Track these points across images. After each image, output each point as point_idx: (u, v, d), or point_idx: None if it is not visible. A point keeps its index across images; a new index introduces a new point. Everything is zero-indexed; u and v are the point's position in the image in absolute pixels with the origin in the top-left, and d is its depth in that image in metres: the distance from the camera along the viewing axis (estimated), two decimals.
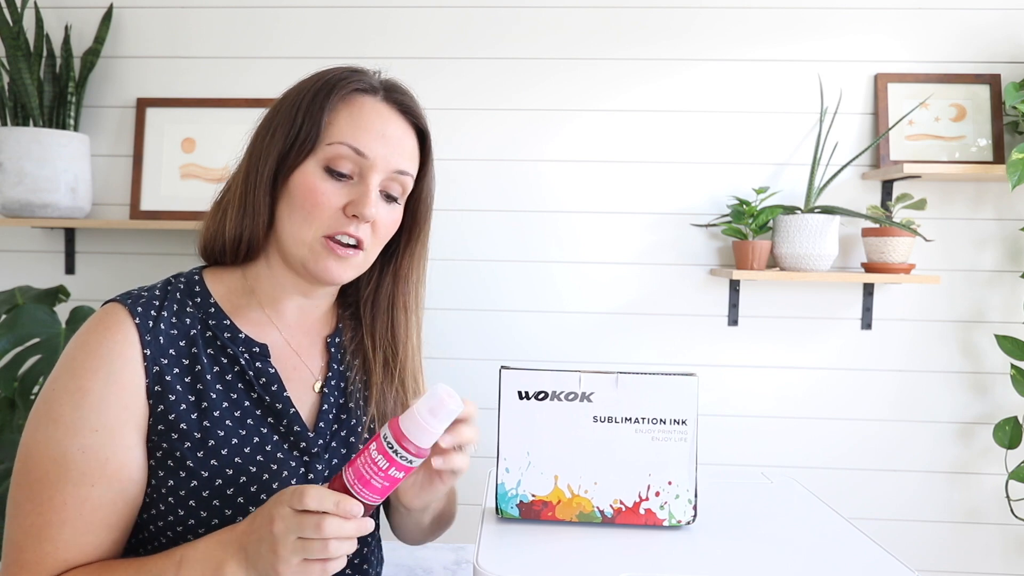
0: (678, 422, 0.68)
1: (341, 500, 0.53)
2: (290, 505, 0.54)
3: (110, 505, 0.63)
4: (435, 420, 0.55)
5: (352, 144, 0.68)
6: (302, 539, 0.53)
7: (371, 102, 0.71)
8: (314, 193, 0.68)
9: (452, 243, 1.64)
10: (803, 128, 1.61)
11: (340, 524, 0.53)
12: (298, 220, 0.68)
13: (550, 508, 0.68)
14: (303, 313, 0.76)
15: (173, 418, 0.65)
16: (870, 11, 1.59)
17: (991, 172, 1.47)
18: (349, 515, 0.53)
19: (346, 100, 0.70)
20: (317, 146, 0.68)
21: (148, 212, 1.62)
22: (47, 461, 0.61)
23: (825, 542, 0.66)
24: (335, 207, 0.68)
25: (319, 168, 0.68)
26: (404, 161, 0.71)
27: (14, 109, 1.59)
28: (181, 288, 0.71)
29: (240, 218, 0.71)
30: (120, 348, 0.64)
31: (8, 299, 1.50)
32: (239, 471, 0.66)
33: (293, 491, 0.54)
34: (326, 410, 0.74)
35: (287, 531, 0.53)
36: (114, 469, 0.62)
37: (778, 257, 1.54)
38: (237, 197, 0.72)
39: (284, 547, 0.53)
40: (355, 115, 0.69)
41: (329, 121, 0.69)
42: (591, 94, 1.63)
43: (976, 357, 1.61)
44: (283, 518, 0.53)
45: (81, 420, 0.62)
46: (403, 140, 0.71)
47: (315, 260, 0.68)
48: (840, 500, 1.62)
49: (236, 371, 0.69)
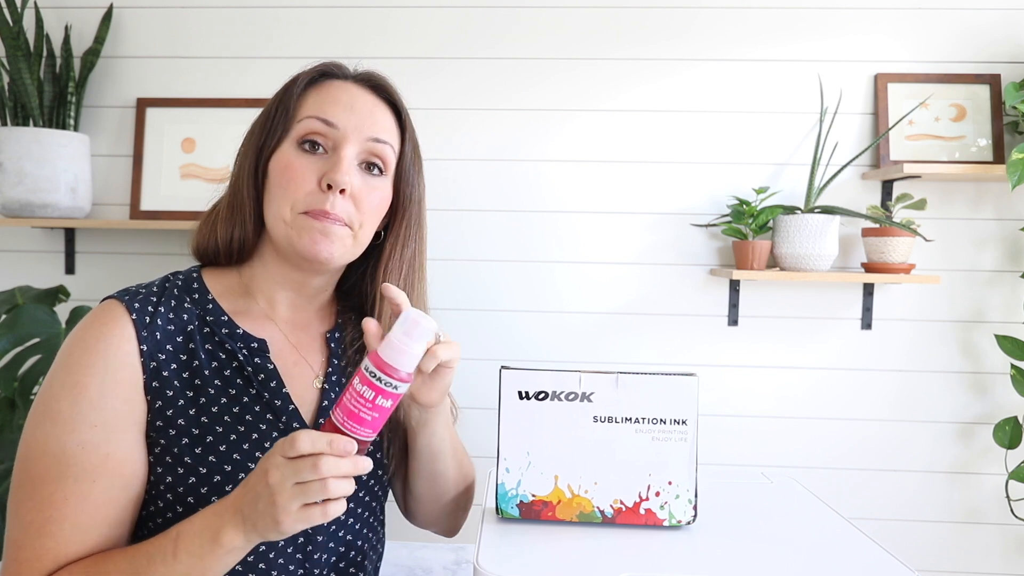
0: (678, 422, 0.68)
1: (334, 439, 0.53)
2: (282, 454, 0.53)
3: (113, 501, 0.62)
4: (412, 341, 0.55)
5: (320, 116, 0.69)
6: (300, 484, 0.52)
7: (339, 83, 0.73)
8: (289, 168, 0.68)
9: (452, 243, 1.64)
10: (803, 128, 1.61)
11: (336, 462, 0.52)
12: (277, 198, 0.69)
13: (550, 508, 0.68)
14: (300, 309, 0.77)
15: (171, 414, 0.65)
16: (870, 11, 1.59)
17: (991, 172, 1.47)
18: (344, 453, 0.53)
19: (315, 84, 0.72)
20: (288, 127, 0.70)
21: (148, 212, 1.62)
22: (46, 458, 0.61)
23: (825, 542, 0.66)
24: (311, 180, 0.68)
25: (293, 147, 0.69)
26: (380, 131, 0.71)
27: (14, 109, 1.59)
28: (179, 284, 0.72)
29: (230, 218, 0.72)
30: (117, 343, 0.64)
31: (8, 299, 1.50)
32: (237, 467, 0.66)
33: (283, 440, 0.53)
34: (326, 406, 0.74)
35: (283, 479, 0.52)
36: (115, 464, 0.62)
37: (778, 257, 1.54)
38: (226, 200, 0.74)
39: (282, 495, 0.52)
40: (323, 93, 0.71)
41: (300, 104, 0.71)
42: (591, 94, 1.63)
43: (976, 357, 1.61)
44: (277, 467, 0.53)
45: (79, 416, 0.61)
46: (374, 111, 0.72)
47: (298, 236, 0.68)
48: (840, 500, 1.62)
49: (234, 367, 0.69)
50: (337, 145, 0.69)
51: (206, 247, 0.75)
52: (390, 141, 0.72)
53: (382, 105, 0.73)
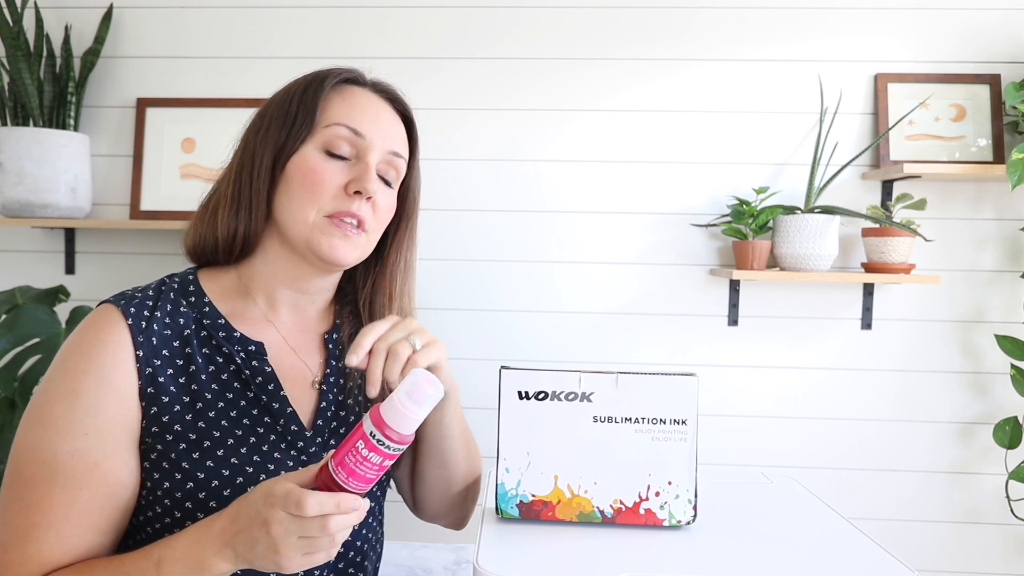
0: (678, 422, 0.68)
1: (341, 500, 0.53)
2: (285, 509, 0.52)
3: (98, 509, 0.62)
4: (416, 407, 0.55)
5: (349, 125, 0.70)
6: (306, 538, 0.53)
7: (361, 91, 0.74)
8: (315, 172, 0.69)
9: (452, 243, 1.64)
10: (803, 128, 1.61)
11: (345, 519, 0.53)
12: (301, 200, 0.69)
13: (550, 508, 0.68)
14: (300, 310, 0.77)
15: (167, 420, 0.65)
16: (870, 11, 1.59)
17: (991, 172, 1.47)
18: (351, 511, 0.54)
19: (338, 89, 0.73)
20: (314, 130, 0.70)
21: (148, 212, 1.62)
22: (36, 463, 0.61)
23: (825, 542, 0.66)
24: (337, 185, 0.69)
25: (318, 151, 0.70)
26: (397, 144, 0.74)
27: (14, 109, 1.59)
28: (175, 288, 0.71)
29: (235, 213, 0.72)
30: (113, 350, 0.64)
31: (8, 299, 1.50)
32: (235, 471, 0.66)
33: (286, 495, 0.53)
34: (324, 408, 0.74)
35: (287, 534, 0.53)
36: (103, 473, 0.62)
37: (778, 257, 1.54)
38: (230, 195, 0.72)
39: (286, 547, 0.53)
40: (349, 100, 0.72)
41: (324, 107, 0.71)
42: (591, 94, 1.63)
43: (976, 357, 1.61)
44: (281, 522, 0.53)
45: (72, 423, 0.62)
46: (393, 125, 0.75)
47: (321, 239, 0.69)
48: (840, 500, 1.62)
49: (232, 370, 0.69)
50: (362, 154, 0.71)
51: (203, 244, 0.74)
52: (404, 155, 0.76)
53: (398, 118, 0.76)
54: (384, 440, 0.54)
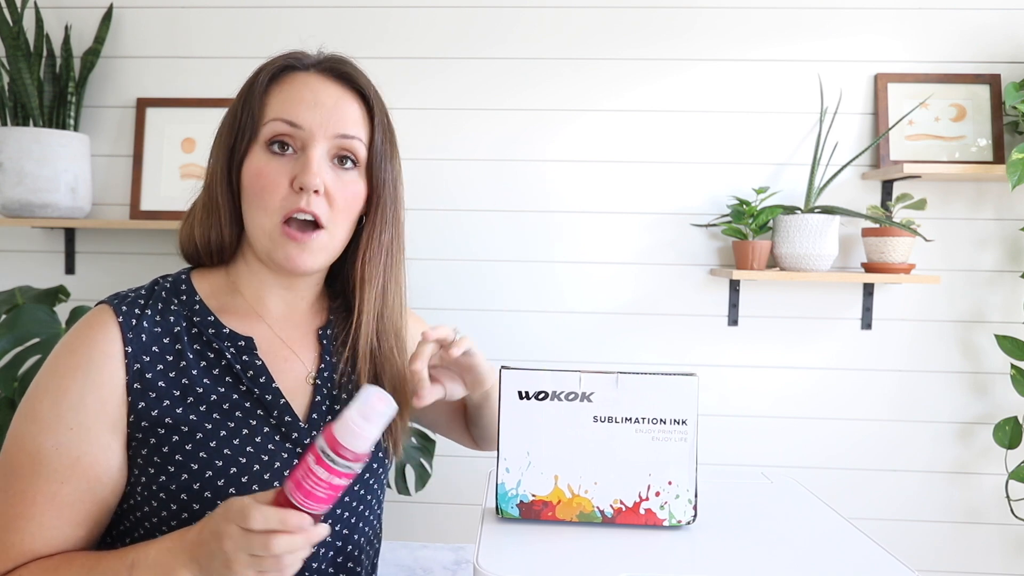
0: (678, 422, 0.68)
1: (286, 517, 0.52)
2: (236, 523, 0.52)
3: (79, 503, 0.63)
4: (368, 424, 0.54)
5: (284, 117, 0.68)
6: (254, 556, 0.53)
7: (302, 76, 0.71)
8: (261, 175, 0.68)
9: (453, 243, 1.64)
10: (803, 128, 1.61)
11: (289, 540, 0.52)
12: (255, 207, 0.69)
13: (550, 508, 0.68)
14: (289, 306, 0.77)
15: (156, 414, 0.66)
16: (870, 11, 1.59)
17: (991, 172, 1.47)
18: (297, 530, 0.53)
19: (278, 80, 0.71)
20: (256, 130, 0.69)
21: (148, 212, 1.62)
22: (22, 456, 0.63)
23: (825, 542, 0.66)
24: (283, 184, 0.68)
25: (262, 150, 0.69)
26: (347, 126, 0.70)
27: (14, 109, 1.59)
28: (167, 288, 0.73)
29: (207, 221, 0.72)
30: (101, 346, 0.65)
31: (8, 299, 1.49)
32: (229, 462, 0.67)
33: (240, 508, 0.53)
34: (319, 401, 0.74)
35: (237, 549, 0.53)
36: (84, 467, 0.63)
37: (778, 257, 1.54)
38: (201, 204, 0.73)
39: (237, 563, 0.53)
40: (286, 90, 0.70)
41: (264, 103, 0.70)
42: (592, 94, 1.63)
43: (976, 357, 1.61)
44: (231, 537, 0.53)
45: (58, 418, 0.63)
46: (339, 104, 0.70)
47: (277, 251, 0.68)
48: (840, 500, 1.62)
49: (223, 365, 0.70)
50: (305, 145, 0.68)
51: (190, 248, 0.75)
52: (358, 135, 0.71)
53: (348, 95, 0.71)
54: (335, 458, 0.53)
